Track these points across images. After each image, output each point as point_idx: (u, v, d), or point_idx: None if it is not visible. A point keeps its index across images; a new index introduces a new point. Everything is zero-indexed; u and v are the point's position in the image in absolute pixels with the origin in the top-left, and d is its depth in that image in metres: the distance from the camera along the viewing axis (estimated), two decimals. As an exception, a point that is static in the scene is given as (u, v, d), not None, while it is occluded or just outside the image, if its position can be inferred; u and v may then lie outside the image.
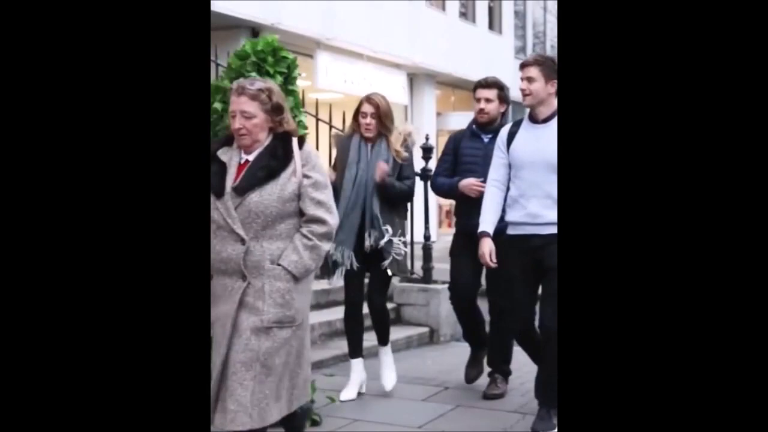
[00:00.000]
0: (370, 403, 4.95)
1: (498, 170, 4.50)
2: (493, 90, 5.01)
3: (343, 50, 14.37)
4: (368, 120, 4.83)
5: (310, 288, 3.44)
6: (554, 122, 4.27)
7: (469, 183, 4.86)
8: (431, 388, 5.20)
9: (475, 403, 4.86)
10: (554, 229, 4.08)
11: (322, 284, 5.42)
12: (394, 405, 4.92)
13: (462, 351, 5.30)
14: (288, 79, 4.13)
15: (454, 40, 18.37)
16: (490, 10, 21.22)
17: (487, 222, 4.47)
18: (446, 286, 7.33)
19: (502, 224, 4.46)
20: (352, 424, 4.54)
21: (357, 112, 4.92)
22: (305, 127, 4.24)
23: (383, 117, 4.84)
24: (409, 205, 5.21)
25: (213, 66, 5.69)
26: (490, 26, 21.13)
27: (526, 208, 4.29)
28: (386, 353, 5.11)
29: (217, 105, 4.03)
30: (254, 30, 12.40)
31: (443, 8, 18.81)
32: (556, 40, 26.01)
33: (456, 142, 5.13)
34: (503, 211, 4.47)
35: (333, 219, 3.38)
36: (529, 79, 4.35)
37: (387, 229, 4.74)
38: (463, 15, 19.84)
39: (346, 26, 14.23)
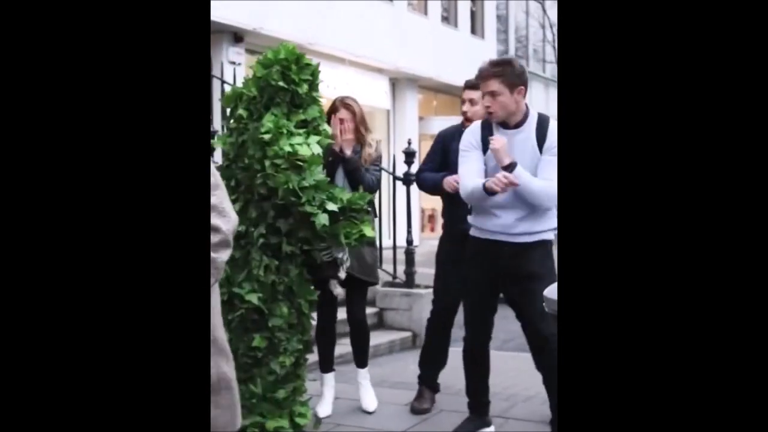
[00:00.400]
0: (352, 408, 4.96)
1: (476, 165, 4.03)
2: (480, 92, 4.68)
3: (326, 55, 14.36)
4: (346, 126, 4.67)
5: (217, 300, 3.20)
6: (528, 125, 4.00)
7: (450, 179, 4.58)
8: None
9: (458, 408, 4.87)
10: (528, 237, 4.01)
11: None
12: (377, 409, 4.92)
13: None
14: (312, 86, 4.07)
15: (436, 44, 18.40)
16: (473, 14, 21.27)
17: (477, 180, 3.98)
18: (429, 290, 7.36)
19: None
20: (336, 429, 4.55)
21: (329, 116, 4.69)
22: (329, 136, 4.16)
23: (359, 124, 4.73)
24: (389, 208, 5.19)
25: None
26: (473, 30, 21.18)
27: (500, 218, 4.01)
28: (364, 377, 5.02)
29: (242, 112, 3.99)
30: (236, 35, 12.40)
31: (425, 12, 18.84)
32: (538, 44, 26.12)
33: (445, 143, 4.85)
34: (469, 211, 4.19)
35: (227, 224, 3.00)
36: (492, 94, 3.94)
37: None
38: (445, 19, 19.88)
39: (329, 31, 14.24)
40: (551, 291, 2.83)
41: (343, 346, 5.29)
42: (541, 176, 3.93)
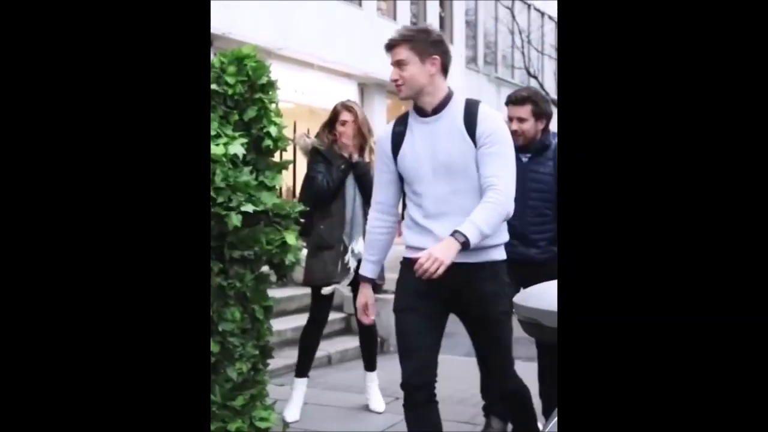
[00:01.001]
0: (320, 413, 4.94)
1: (385, 190, 3.46)
2: (526, 106, 4.22)
3: (294, 60, 14.35)
4: (348, 130, 4.75)
5: None
6: (448, 111, 3.29)
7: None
8: (385, 398, 5.19)
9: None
10: (475, 257, 3.17)
11: (273, 293, 5.40)
12: (345, 415, 4.91)
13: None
14: (254, 87, 3.83)
15: (405, 49, 18.41)
16: (441, 19, 21.34)
17: (370, 263, 3.69)
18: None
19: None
20: (303, 435, 4.53)
21: (333, 122, 4.81)
22: (273, 139, 3.84)
23: (361, 127, 4.79)
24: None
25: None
26: (441, 36, 21.24)
27: (434, 233, 3.19)
28: (373, 380, 5.13)
29: None
30: (205, 38, 12.33)
31: (394, 17, 18.88)
32: (507, 50, 26.24)
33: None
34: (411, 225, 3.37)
35: None
36: (399, 64, 3.32)
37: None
38: (414, 25, 19.92)
39: (298, 36, 14.22)
40: (523, 297, 2.79)
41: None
42: (486, 173, 3.18)
